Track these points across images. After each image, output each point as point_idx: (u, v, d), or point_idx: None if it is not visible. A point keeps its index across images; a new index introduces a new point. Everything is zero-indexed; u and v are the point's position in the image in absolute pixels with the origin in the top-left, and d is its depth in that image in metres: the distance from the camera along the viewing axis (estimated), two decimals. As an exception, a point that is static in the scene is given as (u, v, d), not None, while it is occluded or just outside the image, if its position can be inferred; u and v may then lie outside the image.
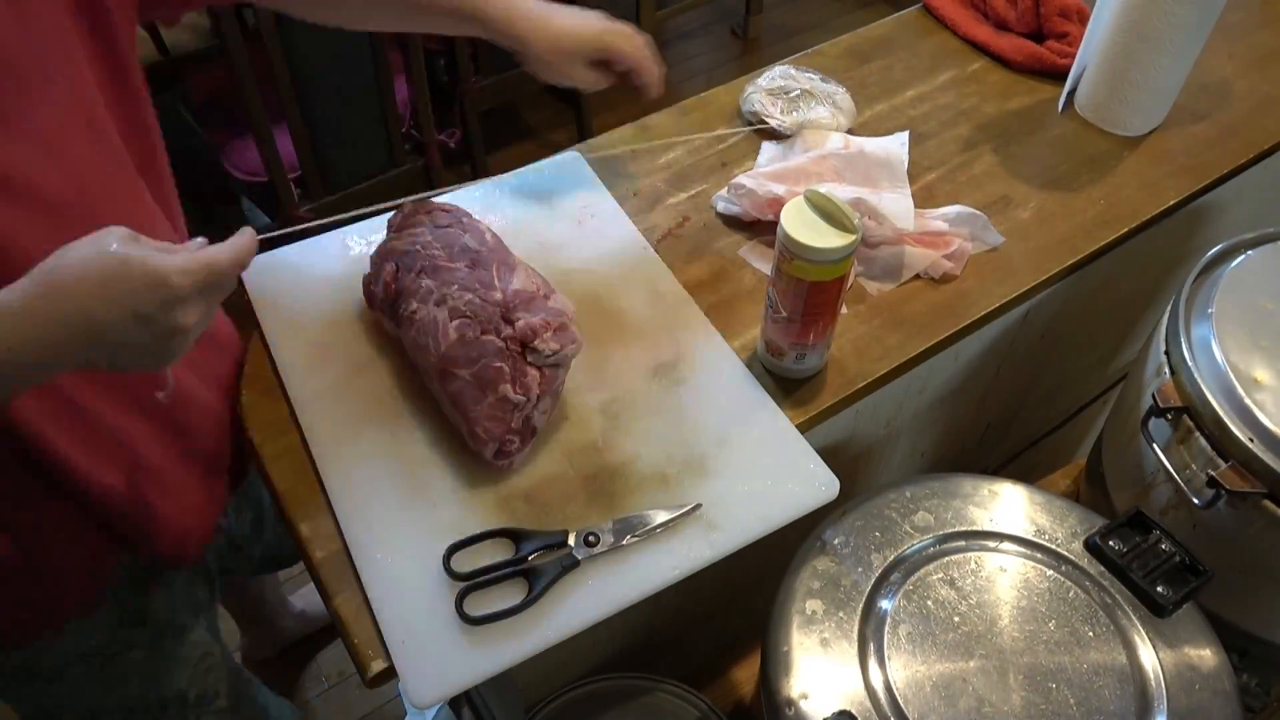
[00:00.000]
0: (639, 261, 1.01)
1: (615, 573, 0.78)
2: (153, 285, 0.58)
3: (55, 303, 0.57)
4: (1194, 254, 1.12)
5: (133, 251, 0.58)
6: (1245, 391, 0.89)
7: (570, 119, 2.61)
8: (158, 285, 0.58)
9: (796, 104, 1.14)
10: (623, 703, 1.09)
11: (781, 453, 0.85)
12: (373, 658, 0.74)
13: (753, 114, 1.16)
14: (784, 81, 1.17)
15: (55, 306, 0.57)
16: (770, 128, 1.13)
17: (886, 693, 0.78)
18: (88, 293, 0.57)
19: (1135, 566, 0.85)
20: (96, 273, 0.57)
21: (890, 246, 1.01)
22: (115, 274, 0.57)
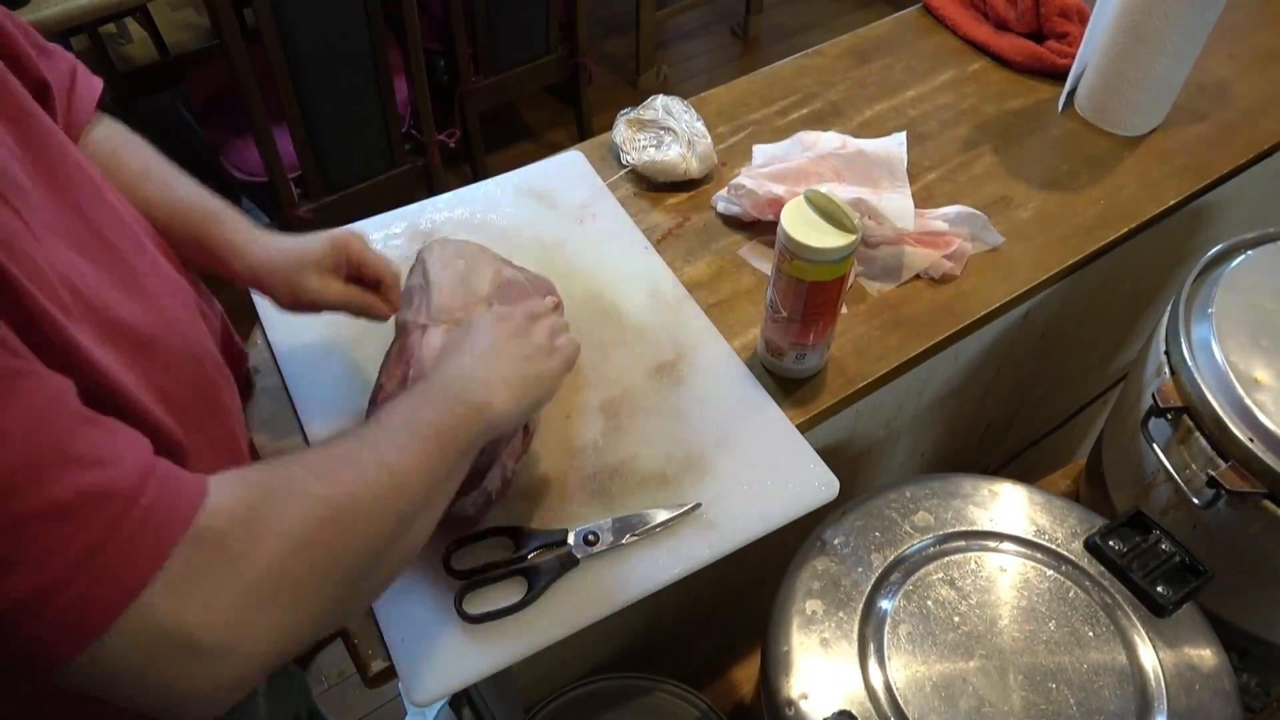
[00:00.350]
0: (639, 261, 1.01)
1: (615, 571, 0.78)
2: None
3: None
4: (1194, 254, 1.12)
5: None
6: (1245, 391, 0.89)
7: (570, 119, 2.61)
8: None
9: (658, 139, 1.10)
10: (623, 703, 1.09)
11: (781, 452, 0.85)
12: (373, 657, 0.74)
13: (615, 143, 1.13)
14: (654, 115, 1.12)
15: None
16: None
17: (886, 693, 0.78)
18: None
19: (1135, 566, 0.85)
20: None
21: (890, 246, 1.01)
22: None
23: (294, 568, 0.52)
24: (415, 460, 0.62)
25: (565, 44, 2.31)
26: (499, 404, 0.68)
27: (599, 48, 2.85)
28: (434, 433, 0.64)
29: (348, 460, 0.59)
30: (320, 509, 0.54)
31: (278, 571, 0.51)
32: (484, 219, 1.05)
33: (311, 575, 0.53)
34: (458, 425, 0.66)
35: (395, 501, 0.59)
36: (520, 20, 2.19)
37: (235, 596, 0.49)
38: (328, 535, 0.54)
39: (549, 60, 2.30)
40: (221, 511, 0.50)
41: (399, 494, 0.60)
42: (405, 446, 0.62)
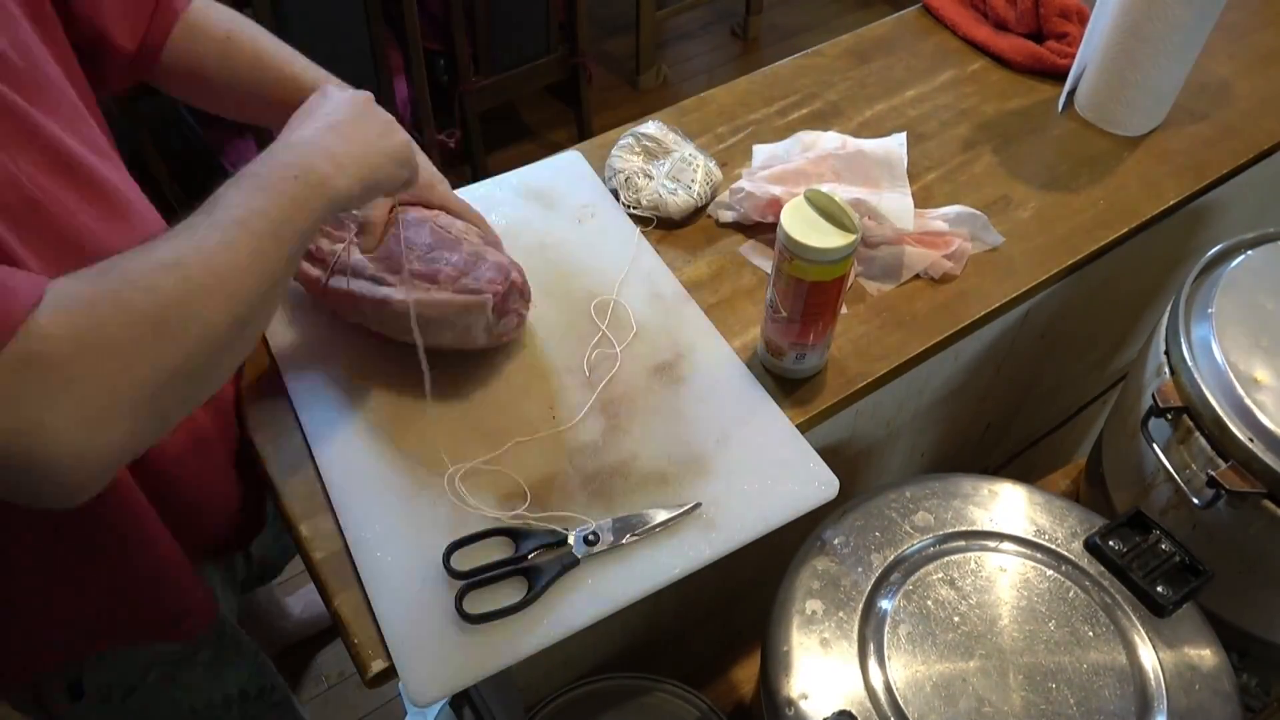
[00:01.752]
0: (638, 260, 1.01)
1: (615, 571, 0.78)
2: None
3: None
4: (1194, 254, 1.12)
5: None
6: (1245, 391, 0.89)
7: (570, 119, 2.61)
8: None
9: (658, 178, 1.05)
10: (623, 703, 1.09)
11: (781, 452, 0.85)
12: (373, 658, 0.74)
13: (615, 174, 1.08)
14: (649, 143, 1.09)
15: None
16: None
17: (886, 693, 0.78)
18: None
19: (1135, 566, 0.85)
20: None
21: (890, 246, 1.01)
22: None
23: (124, 383, 0.54)
24: (249, 257, 0.60)
25: (565, 44, 2.31)
26: (341, 180, 0.66)
27: (599, 48, 2.85)
28: (268, 221, 0.62)
29: (173, 268, 0.57)
30: (144, 325, 0.55)
31: (108, 389, 0.53)
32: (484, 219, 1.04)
33: (144, 388, 0.55)
34: (294, 209, 0.64)
35: (225, 305, 0.59)
36: (520, 20, 2.19)
37: (73, 413, 0.52)
38: (155, 349, 0.55)
39: (549, 60, 2.30)
40: (49, 334, 0.51)
41: (229, 298, 0.59)
42: (238, 244, 0.60)
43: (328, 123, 0.70)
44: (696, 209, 1.05)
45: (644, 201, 1.04)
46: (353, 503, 0.81)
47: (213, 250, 0.59)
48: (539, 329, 0.94)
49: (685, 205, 1.04)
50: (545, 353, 0.92)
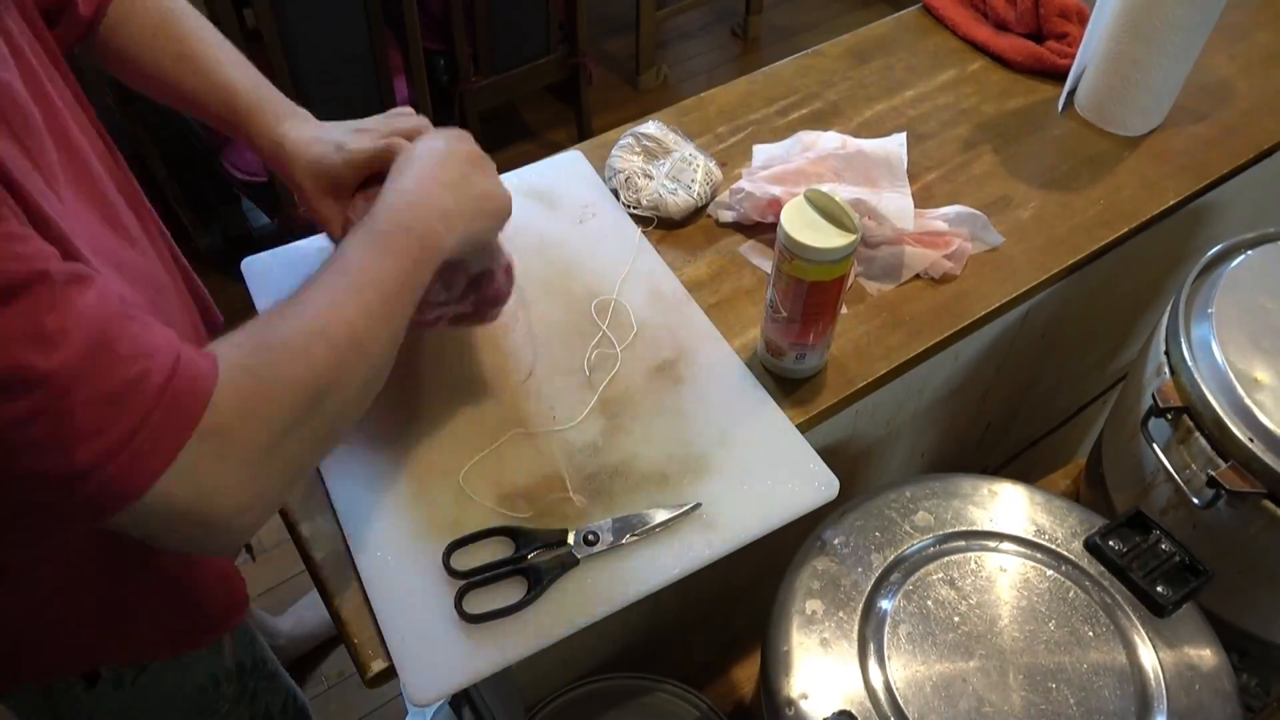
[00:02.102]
0: (639, 260, 1.01)
1: (615, 571, 0.78)
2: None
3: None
4: (1194, 254, 1.12)
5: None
6: (1245, 391, 0.89)
7: (570, 119, 2.61)
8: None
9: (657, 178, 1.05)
10: (623, 703, 1.09)
11: (781, 452, 0.85)
12: (373, 657, 0.74)
13: (615, 174, 1.08)
14: (649, 144, 1.09)
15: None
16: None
17: (886, 693, 0.78)
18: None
19: (1135, 566, 0.85)
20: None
21: (890, 246, 1.01)
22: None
23: (285, 447, 0.60)
24: (381, 323, 0.65)
25: (565, 44, 2.31)
26: (450, 239, 0.70)
27: (599, 48, 2.85)
28: (398, 286, 0.67)
29: (324, 337, 0.62)
30: (303, 395, 0.60)
31: (272, 452, 0.59)
32: (484, 219, 1.04)
33: (300, 448, 0.61)
34: (416, 269, 0.68)
35: (365, 370, 0.65)
36: (520, 20, 2.19)
37: (240, 477, 0.57)
38: (311, 415, 0.61)
39: (549, 60, 2.30)
40: (224, 407, 0.56)
41: (366, 360, 0.65)
42: (373, 311, 0.65)
43: (439, 177, 0.72)
44: (697, 209, 1.05)
45: (644, 201, 1.04)
46: (353, 502, 0.81)
47: (353, 317, 0.64)
48: (539, 329, 0.94)
49: (686, 205, 1.04)
50: (545, 352, 0.92)
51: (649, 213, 1.04)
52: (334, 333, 0.62)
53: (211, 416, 0.55)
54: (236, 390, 0.57)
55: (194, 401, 0.55)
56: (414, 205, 0.70)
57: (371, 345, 0.65)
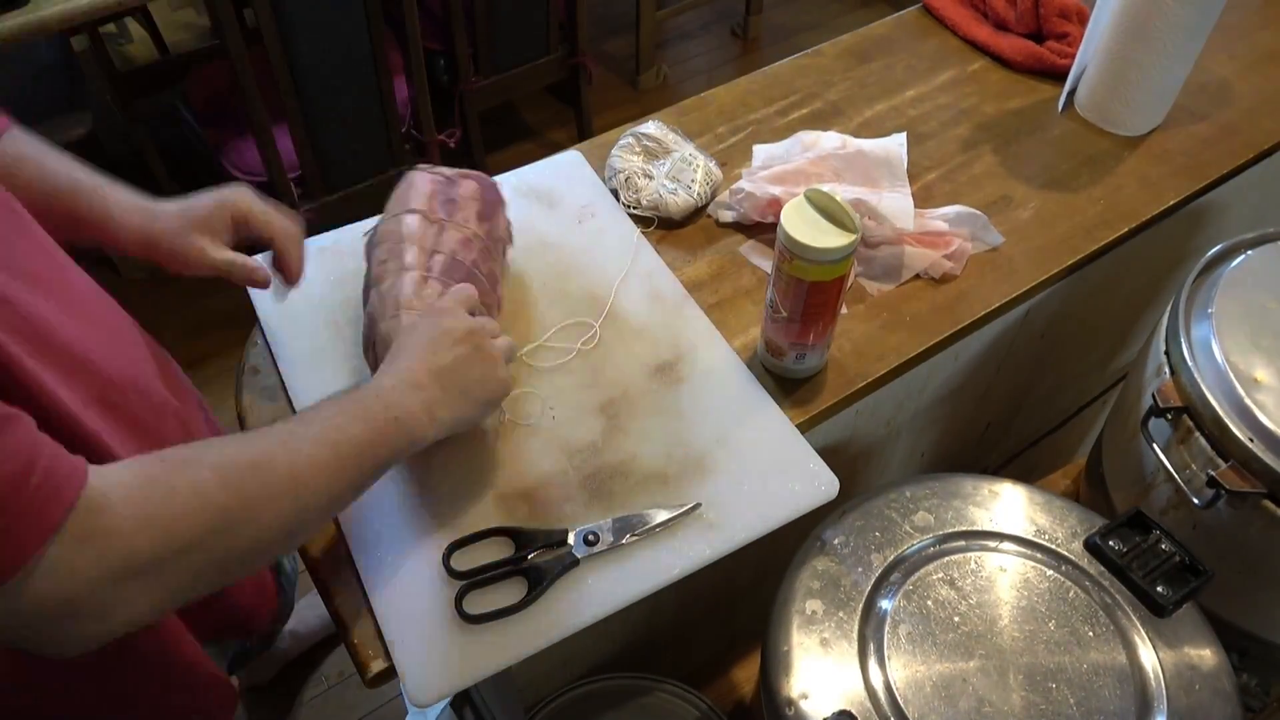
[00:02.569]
0: (638, 260, 1.01)
1: (615, 571, 0.78)
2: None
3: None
4: (1194, 254, 1.12)
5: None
6: (1245, 391, 0.89)
7: (570, 119, 2.61)
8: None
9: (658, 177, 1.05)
10: (623, 703, 1.09)
11: (781, 452, 0.85)
12: (373, 657, 0.74)
13: (616, 173, 1.08)
14: (649, 144, 1.09)
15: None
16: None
17: (886, 693, 0.78)
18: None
19: (1135, 566, 0.85)
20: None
21: (890, 246, 1.01)
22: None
23: (175, 564, 0.57)
24: (327, 479, 0.64)
25: (565, 44, 2.31)
26: (433, 427, 0.71)
27: (599, 48, 2.85)
28: (356, 452, 0.66)
29: (259, 469, 0.61)
30: (215, 518, 0.58)
31: (158, 564, 0.56)
32: (484, 219, 1.04)
33: (190, 571, 0.58)
34: (384, 444, 0.68)
35: (292, 515, 0.62)
36: (520, 20, 2.18)
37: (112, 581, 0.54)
38: (214, 541, 0.58)
39: (549, 60, 2.30)
40: (111, 503, 0.54)
41: (300, 509, 0.63)
42: (323, 463, 0.64)
43: (434, 365, 0.73)
44: (697, 209, 1.05)
45: (644, 201, 1.04)
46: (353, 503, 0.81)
47: (299, 463, 0.63)
48: (540, 329, 0.94)
49: (686, 205, 1.04)
50: (545, 353, 0.92)
51: (649, 213, 1.04)
52: (274, 466, 0.62)
53: (92, 516, 0.53)
54: (142, 498, 0.56)
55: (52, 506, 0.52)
56: (401, 391, 0.70)
57: (308, 496, 0.63)
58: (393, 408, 0.69)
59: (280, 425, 0.66)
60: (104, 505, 0.54)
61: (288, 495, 0.62)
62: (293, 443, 0.64)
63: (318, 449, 0.64)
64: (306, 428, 0.66)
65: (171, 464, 0.59)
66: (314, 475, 0.63)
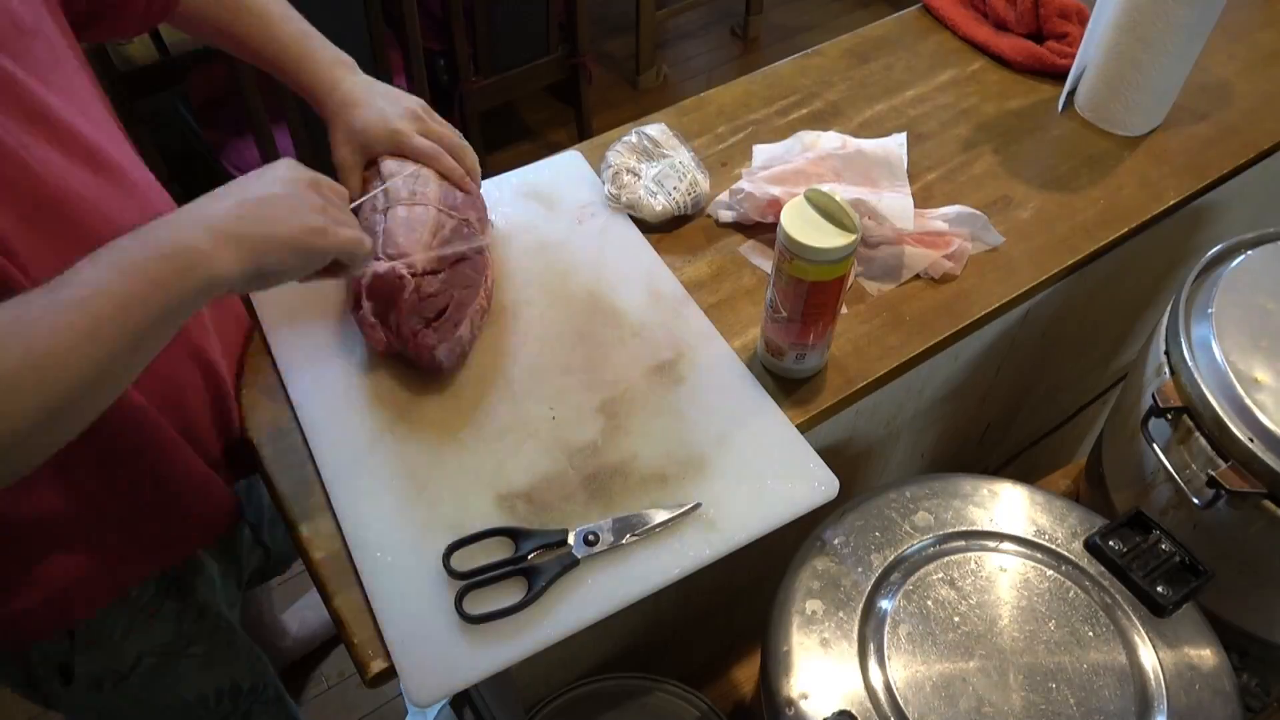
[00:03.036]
0: (639, 260, 1.01)
1: (615, 572, 0.78)
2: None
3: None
4: (1194, 254, 1.12)
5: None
6: (1245, 391, 0.89)
7: (570, 119, 2.61)
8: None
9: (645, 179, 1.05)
10: (623, 703, 1.09)
11: (781, 452, 0.85)
12: (373, 657, 0.74)
13: (608, 167, 1.08)
14: (648, 144, 1.08)
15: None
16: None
17: (886, 693, 0.78)
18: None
19: (1135, 566, 0.85)
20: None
21: (890, 246, 1.01)
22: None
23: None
24: (80, 341, 0.56)
25: (565, 44, 2.31)
26: (223, 259, 0.62)
27: (599, 48, 2.85)
28: (112, 306, 0.57)
29: (18, 334, 0.54)
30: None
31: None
32: (484, 219, 1.04)
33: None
34: (152, 289, 0.59)
35: (34, 399, 0.55)
36: (520, 20, 2.19)
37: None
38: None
39: (549, 60, 2.30)
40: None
41: (40, 389, 0.55)
42: (61, 328, 0.56)
43: (238, 198, 0.66)
44: (674, 216, 1.05)
45: (624, 199, 1.04)
46: (352, 503, 0.81)
47: (34, 335, 0.55)
48: (540, 328, 0.94)
49: (661, 211, 1.03)
50: (545, 352, 0.92)
51: (626, 210, 1.04)
52: (9, 353, 0.54)
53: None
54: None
55: None
56: (180, 223, 0.62)
57: (53, 370, 0.55)
58: (163, 243, 0.60)
59: (21, 296, 0.57)
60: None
61: (25, 377, 0.54)
62: (30, 313, 0.56)
63: (58, 315, 0.56)
64: (49, 294, 0.57)
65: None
66: (53, 344, 0.55)
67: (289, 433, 0.87)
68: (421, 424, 0.86)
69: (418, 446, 0.85)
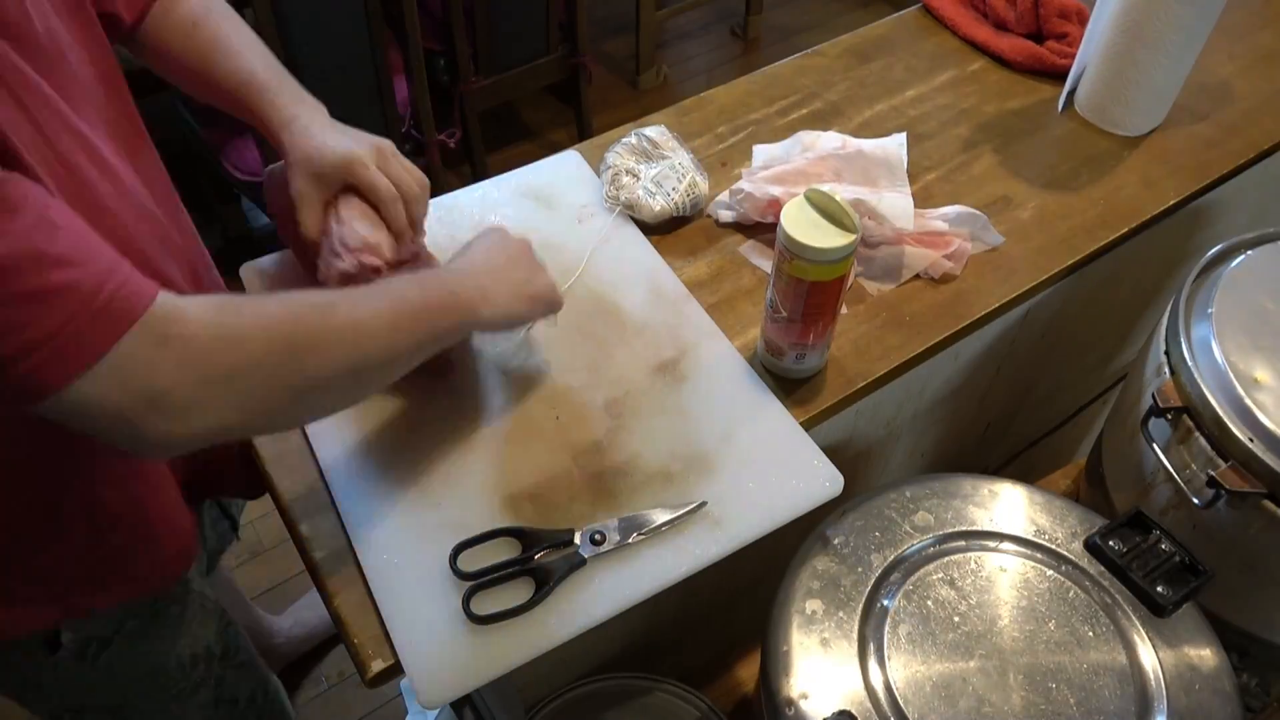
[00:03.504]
0: (639, 260, 1.01)
1: (622, 571, 0.78)
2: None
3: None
4: (1194, 254, 1.12)
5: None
6: (1245, 391, 0.89)
7: (570, 119, 2.61)
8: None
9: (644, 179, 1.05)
10: (623, 703, 1.09)
11: (785, 449, 0.86)
12: (372, 658, 0.74)
13: (607, 168, 1.07)
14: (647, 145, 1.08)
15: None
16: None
17: (886, 693, 0.78)
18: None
19: (1135, 566, 0.85)
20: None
21: (890, 246, 1.01)
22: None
23: (246, 379, 0.62)
24: (384, 326, 0.69)
25: (565, 44, 2.31)
26: (486, 307, 0.77)
27: (599, 48, 2.85)
28: (411, 310, 0.72)
29: (321, 310, 0.67)
30: (281, 343, 0.64)
31: (230, 375, 0.61)
32: (483, 219, 1.05)
33: (260, 389, 0.63)
34: (439, 310, 0.74)
35: (350, 353, 0.67)
36: (520, 20, 2.19)
37: (190, 383, 0.59)
38: (280, 364, 0.64)
39: (549, 60, 2.30)
40: (197, 321, 0.60)
41: (355, 348, 0.67)
42: (380, 312, 0.69)
43: (486, 263, 0.81)
44: (672, 217, 1.05)
45: (623, 198, 1.04)
46: (358, 505, 0.81)
47: (361, 310, 0.69)
48: (540, 329, 0.94)
49: (660, 211, 1.03)
50: (548, 352, 0.92)
51: (624, 210, 1.04)
52: (335, 309, 0.67)
53: (169, 324, 0.59)
54: (218, 312, 0.62)
55: (124, 312, 0.57)
56: (457, 275, 0.79)
57: (369, 339, 0.68)
58: (447, 285, 0.76)
59: (349, 289, 0.73)
60: (180, 315, 0.59)
61: (348, 338, 0.67)
62: (354, 296, 0.70)
63: (378, 303, 0.70)
64: (368, 290, 0.72)
65: (239, 299, 0.64)
66: (373, 325, 0.68)
67: (290, 433, 0.87)
68: (426, 425, 0.86)
69: (423, 448, 0.85)
